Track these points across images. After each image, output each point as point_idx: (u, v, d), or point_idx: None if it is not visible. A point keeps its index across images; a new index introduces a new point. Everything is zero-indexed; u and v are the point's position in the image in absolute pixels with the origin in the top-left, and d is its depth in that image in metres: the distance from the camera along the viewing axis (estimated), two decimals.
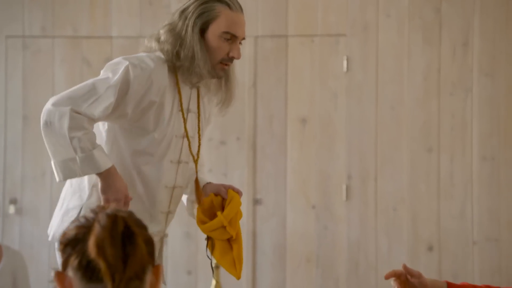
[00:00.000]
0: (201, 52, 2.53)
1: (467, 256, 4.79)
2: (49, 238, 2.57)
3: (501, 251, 4.75)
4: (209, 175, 3.95)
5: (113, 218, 1.41)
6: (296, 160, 4.99)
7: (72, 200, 2.55)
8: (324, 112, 4.95)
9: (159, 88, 2.51)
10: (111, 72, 2.48)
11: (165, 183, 2.59)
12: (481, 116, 4.81)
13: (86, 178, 2.54)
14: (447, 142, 4.84)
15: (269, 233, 4.93)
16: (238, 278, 2.64)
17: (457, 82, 4.83)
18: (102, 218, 1.41)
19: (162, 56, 2.55)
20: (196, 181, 2.68)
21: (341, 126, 4.94)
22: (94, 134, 2.46)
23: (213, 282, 4.81)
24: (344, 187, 4.91)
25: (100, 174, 2.44)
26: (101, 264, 1.37)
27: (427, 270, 4.81)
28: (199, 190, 2.67)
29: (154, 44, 2.59)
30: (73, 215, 2.51)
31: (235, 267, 2.63)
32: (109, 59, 5.05)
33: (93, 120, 2.46)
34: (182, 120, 2.59)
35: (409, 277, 2.35)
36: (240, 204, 2.66)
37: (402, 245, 4.87)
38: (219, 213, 2.62)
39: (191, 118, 2.64)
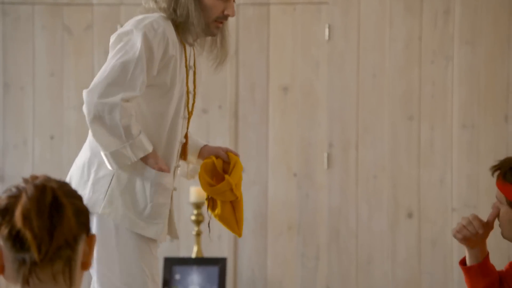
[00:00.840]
0: (196, 11, 2.56)
1: (446, 223, 4.84)
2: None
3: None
4: None
5: (41, 189, 1.42)
6: (277, 128, 5.01)
7: (101, 169, 2.54)
8: (306, 80, 4.96)
9: (173, 42, 2.57)
10: (129, 45, 2.51)
11: (180, 139, 2.68)
12: (461, 84, 4.83)
13: None
14: (427, 110, 4.87)
15: (251, 201, 4.95)
16: (240, 236, 2.77)
17: (438, 50, 4.85)
18: (30, 189, 1.43)
19: (163, 14, 2.59)
20: (186, 136, 2.75)
21: (322, 94, 4.95)
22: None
23: (195, 248, 4.85)
24: (325, 155, 4.93)
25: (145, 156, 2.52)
26: (27, 235, 1.39)
27: (407, 237, 4.87)
28: (187, 145, 2.75)
29: (152, 4, 2.63)
30: (104, 184, 2.53)
31: (237, 227, 2.72)
32: (90, 26, 5.02)
33: (136, 99, 2.52)
34: (186, 76, 2.65)
35: None
36: (242, 167, 2.75)
37: (382, 213, 4.91)
38: (227, 176, 2.69)
39: (191, 75, 2.70)
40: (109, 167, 2.51)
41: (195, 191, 4.69)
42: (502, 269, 2.42)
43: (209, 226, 2.76)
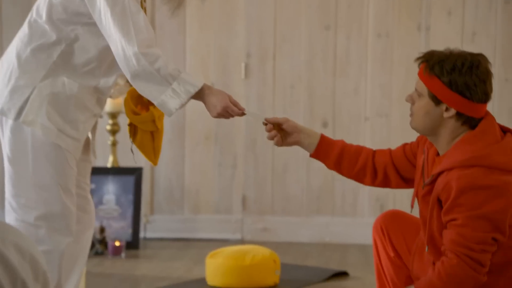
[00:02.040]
0: None
1: (359, 132, 4.94)
2: None
3: (391, 126, 4.92)
4: None
5: None
6: (195, 38, 4.96)
7: (23, 78, 2.53)
8: None
9: None
10: None
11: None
12: None
13: (42, 57, 2.53)
14: (344, 20, 4.89)
15: None
16: (155, 164, 2.83)
17: None
18: None
19: None
20: None
21: (240, 3, 4.90)
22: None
23: (110, 158, 4.83)
24: (243, 65, 4.93)
25: (198, 94, 2.51)
26: None
27: None
28: None
29: None
30: (24, 93, 2.52)
31: (154, 156, 2.80)
32: None
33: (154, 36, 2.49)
34: None
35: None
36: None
37: (298, 122, 4.95)
38: (152, 107, 2.73)
39: None
40: (167, 115, 2.53)
41: (110, 101, 4.64)
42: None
43: (132, 152, 2.77)
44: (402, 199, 4.86)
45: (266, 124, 2.52)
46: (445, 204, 2.12)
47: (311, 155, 2.51)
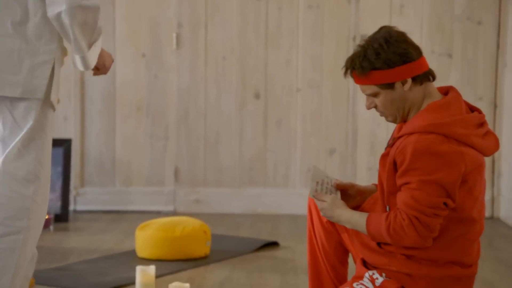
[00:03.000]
0: None
1: (291, 103, 4.96)
2: (19, 94, 2.45)
3: (321, 97, 4.96)
4: None
5: None
6: (124, 7, 4.88)
7: (39, 55, 2.47)
8: None
9: None
10: None
11: None
12: None
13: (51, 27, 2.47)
14: None
15: (98, 81, 4.86)
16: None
17: None
18: None
19: None
20: None
21: None
22: None
23: None
24: (174, 35, 4.88)
25: None
26: None
27: (254, 117, 4.97)
28: None
29: None
30: (46, 69, 2.47)
31: None
32: None
33: None
34: None
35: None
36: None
37: (230, 93, 4.96)
38: None
39: None
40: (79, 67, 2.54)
41: None
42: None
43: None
44: (333, 170, 4.92)
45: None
46: (400, 167, 2.16)
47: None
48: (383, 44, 2.20)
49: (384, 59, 2.19)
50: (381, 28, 2.26)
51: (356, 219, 2.25)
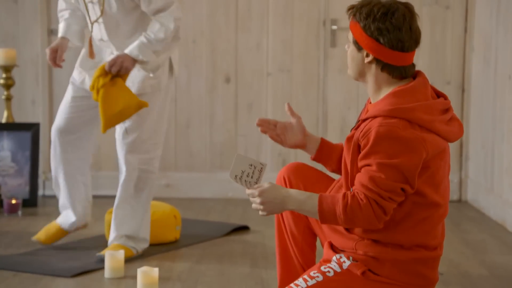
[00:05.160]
0: None
1: (261, 87, 4.96)
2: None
3: (292, 81, 4.96)
4: None
5: None
6: None
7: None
8: None
9: None
10: None
11: None
12: None
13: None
14: None
15: (66, 65, 4.80)
16: (103, 132, 3.26)
17: None
18: None
19: None
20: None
21: None
22: None
23: (5, 113, 4.69)
24: None
25: None
26: None
27: (224, 101, 4.96)
28: None
29: None
30: (165, 67, 3.53)
31: (103, 122, 3.26)
32: None
33: None
34: None
35: (279, 123, 2.47)
36: (99, 72, 3.29)
37: (201, 77, 4.94)
38: (95, 78, 3.33)
39: None
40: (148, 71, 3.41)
41: (3, 54, 4.49)
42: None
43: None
44: (303, 154, 4.92)
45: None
46: (363, 150, 2.17)
47: (313, 158, 2.48)
48: (380, 13, 2.19)
49: (367, 24, 2.19)
50: (404, 3, 2.24)
51: (304, 197, 2.22)
